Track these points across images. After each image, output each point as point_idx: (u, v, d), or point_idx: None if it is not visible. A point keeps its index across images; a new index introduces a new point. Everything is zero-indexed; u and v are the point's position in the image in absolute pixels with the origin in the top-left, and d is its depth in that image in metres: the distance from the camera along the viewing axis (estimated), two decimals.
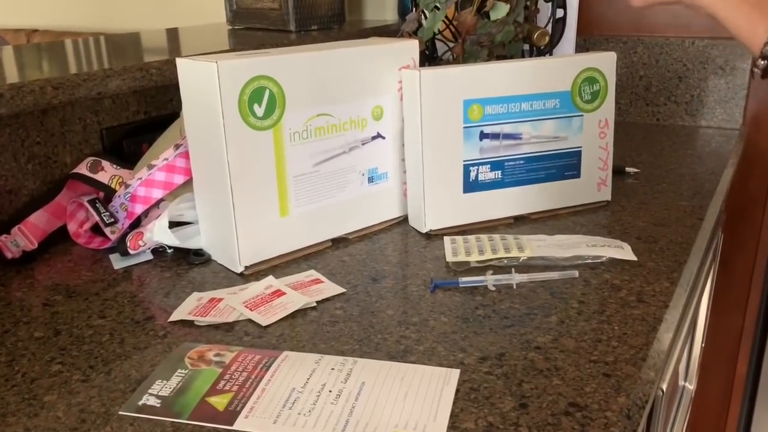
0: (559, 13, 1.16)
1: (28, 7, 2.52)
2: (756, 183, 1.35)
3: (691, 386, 1.19)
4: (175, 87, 0.96)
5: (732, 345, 1.46)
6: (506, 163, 0.84)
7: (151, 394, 0.52)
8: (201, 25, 1.52)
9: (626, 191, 0.96)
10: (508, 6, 1.03)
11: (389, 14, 1.49)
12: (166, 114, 0.95)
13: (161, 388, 0.53)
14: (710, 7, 0.73)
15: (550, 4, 1.17)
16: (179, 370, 0.55)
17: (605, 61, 0.85)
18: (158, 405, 0.50)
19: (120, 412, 0.50)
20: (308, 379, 0.53)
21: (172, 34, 1.31)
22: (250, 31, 1.33)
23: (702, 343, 1.26)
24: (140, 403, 0.51)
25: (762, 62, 0.71)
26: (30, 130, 0.81)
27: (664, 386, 0.74)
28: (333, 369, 0.54)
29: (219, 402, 0.51)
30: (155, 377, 0.54)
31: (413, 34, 1.11)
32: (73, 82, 0.81)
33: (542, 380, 0.53)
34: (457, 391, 0.52)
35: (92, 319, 0.65)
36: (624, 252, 0.75)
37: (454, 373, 0.54)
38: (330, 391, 0.51)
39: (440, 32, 1.13)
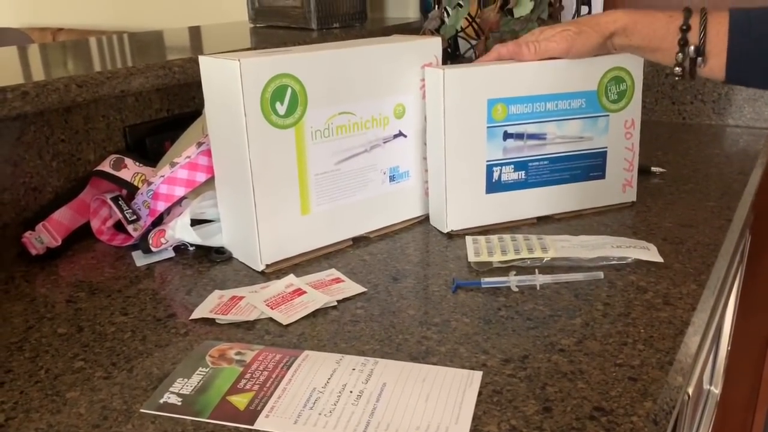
0: (584, 10, 1.15)
1: (54, 6, 2.55)
2: None
3: (716, 390, 1.17)
4: (197, 85, 0.96)
5: (758, 348, 1.44)
6: (530, 164, 0.83)
7: (172, 392, 0.52)
8: (223, 23, 1.52)
9: (652, 191, 0.95)
10: (531, 3, 1.02)
11: (411, 12, 1.49)
12: (189, 112, 0.96)
13: (182, 386, 0.53)
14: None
15: (574, 0, 1.16)
16: (200, 369, 0.55)
17: (632, 60, 0.83)
18: (179, 403, 0.50)
19: (141, 410, 0.50)
20: (329, 379, 0.52)
21: (195, 32, 1.32)
22: (271, 29, 1.33)
23: (728, 346, 1.23)
24: (161, 401, 0.51)
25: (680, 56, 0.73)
26: (54, 127, 0.82)
27: (691, 390, 0.72)
28: (354, 369, 0.54)
29: (240, 401, 0.50)
30: (176, 375, 0.54)
31: (435, 31, 1.10)
32: (97, 80, 0.81)
33: (566, 383, 0.52)
34: (480, 393, 0.51)
35: (115, 316, 0.65)
36: (650, 253, 0.73)
37: (477, 375, 0.53)
38: (351, 392, 0.51)
39: (463, 29, 1.13)
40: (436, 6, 1.12)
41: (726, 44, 0.70)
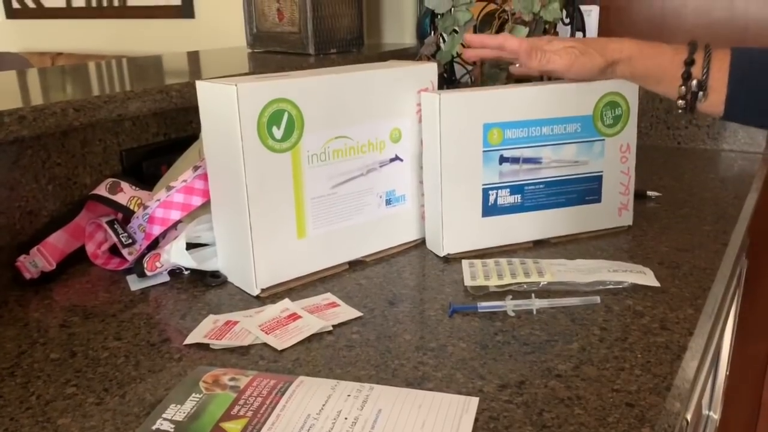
0: (579, 35, 1.16)
1: (53, 31, 2.57)
2: None
3: (715, 415, 1.16)
4: (195, 109, 0.97)
5: (757, 373, 1.43)
6: (526, 188, 0.83)
7: (165, 419, 0.51)
8: (221, 49, 1.53)
9: (648, 215, 0.95)
10: (527, 29, 1.03)
11: (408, 38, 1.50)
12: (186, 136, 0.96)
13: (175, 412, 0.52)
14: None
15: (569, 27, 1.17)
16: (194, 395, 0.54)
17: (627, 86, 0.84)
18: (171, 430, 0.50)
19: None
20: (324, 405, 0.52)
21: (193, 57, 1.33)
22: (269, 54, 1.34)
23: (726, 371, 1.23)
24: (154, 427, 0.50)
25: (683, 89, 0.73)
26: (51, 151, 0.82)
27: (689, 416, 0.72)
28: (349, 395, 0.53)
29: (233, 428, 0.50)
30: (169, 401, 0.53)
31: (432, 57, 1.11)
32: (94, 104, 0.82)
33: (563, 409, 0.52)
34: (476, 420, 0.50)
35: (108, 340, 0.64)
36: (646, 277, 0.73)
37: (473, 402, 0.52)
38: (346, 419, 0.50)
39: (459, 55, 1.14)
40: (432, 32, 1.13)
41: (726, 81, 0.71)
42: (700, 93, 0.72)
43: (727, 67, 0.71)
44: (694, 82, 0.72)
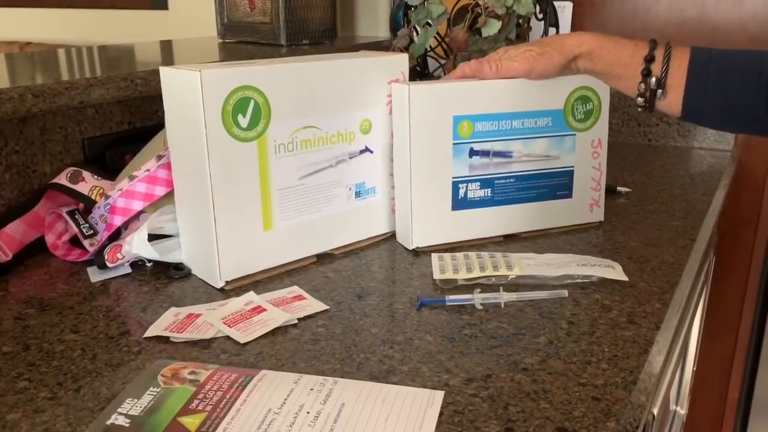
0: (552, 31, 1.16)
1: (22, 20, 2.51)
2: (747, 205, 1.34)
3: (682, 411, 1.17)
4: (161, 97, 0.94)
5: (724, 368, 1.45)
6: (496, 181, 0.82)
7: (120, 413, 0.49)
8: (192, 38, 1.51)
9: (618, 211, 0.95)
10: (499, 23, 1.02)
11: (381, 30, 1.49)
12: (152, 125, 0.94)
13: (131, 407, 0.50)
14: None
15: (542, 22, 1.17)
16: (151, 388, 0.52)
17: (599, 81, 0.84)
18: (127, 425, 0.48)
19: None
20: (285, 399, 0.51)
21: (166, 46, 1.30)
22: (241, 44, 1.32)
23: (693, 366, 1.24)
24: (108, 422, 0.48)
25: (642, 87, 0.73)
26: (8, 138, 0.79)
27: (656, 411, 0.72)
28: (312, 389, 0.52)
29: (191, 422, 0.48)
30: (126, 395, 0.52)
31: (405, 49, 1.10)
32: (54, 90, 0.79)
33: (529, 403, 0.51)
34: (441, 414, 0.49)
35: (65, 333, 0.62)
36: (615, 272, 0.73)
37: (438, 395, 0.52)
38: (308, 413, 0.49)
39: (432, 48, 1.13)
40: (406, 25, 1.12)
41: (684, 79, 0.71)
42: (659, 91, 0.72)
43: (686, 65, 0.71)
44: (653, 79, 0.72)
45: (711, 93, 0.70)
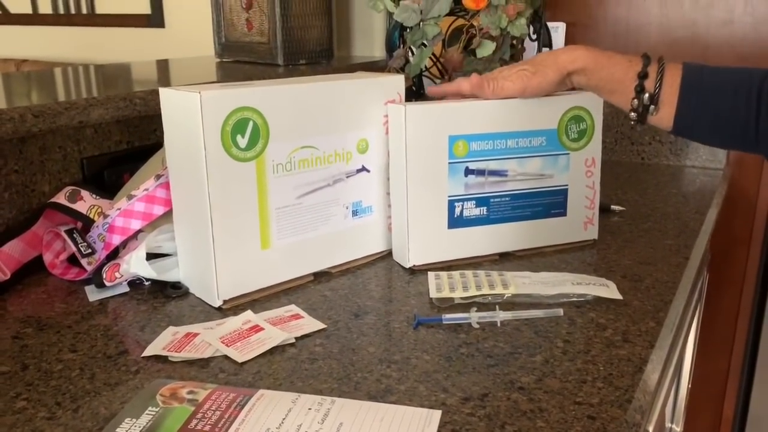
0: (545, 51, 1.17)
1: (18, 37, 2.52)
2: (740, 223, 1.35)
3: (678, 428, 1.17)
4: (159, 117, 0.95)
5: (718, 386, 1.45)
6: (492, 200, 0.83)
7: None
8: (189, 58, 1.52)
9: (611, 229, 0.96)
10: (494, 44, 1.04)
11: (377, 51, 1.50)
12: (150, 144, 0.94)
13: (130, 426, 0.50)
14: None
15: (535, 43, 1.19)
16: (150, 408, 0.52)
17: (592, 100, 0.85)
18: None
19: None
20: (284, 419, 0.51)
21: (162, 65, 1.31)
22: (238, 64, 1.33)
23: (688, 384, 1.24)
24: None
25: (635, 102, 0.75)
26: (8, 157, 0.80)
27: (651, 428, 0.72)
28: (310, 409, 0.52)
29: None
30: (124, 415, 0.52)
31: (400, 70, 1.11)
32: (54, 110, 0.80)
33: (526, 422, 0.51)
34: None
35: (63, 353, 0.62)
36: (609, 291, 0.74)
37: (436, 415, 0.52)
38: None
39: (427, 69, 1.14)
40: (401, 45, 1.13)
41: (677, 96, 0.72)
42: (652, 106, 0.73)
43: (678, 82, 0.72)
44: (646, 95, 0.73)
45: (702, 109, 0.71)
